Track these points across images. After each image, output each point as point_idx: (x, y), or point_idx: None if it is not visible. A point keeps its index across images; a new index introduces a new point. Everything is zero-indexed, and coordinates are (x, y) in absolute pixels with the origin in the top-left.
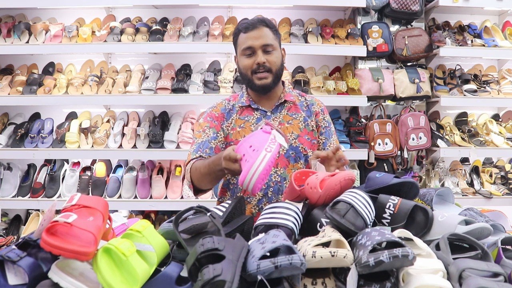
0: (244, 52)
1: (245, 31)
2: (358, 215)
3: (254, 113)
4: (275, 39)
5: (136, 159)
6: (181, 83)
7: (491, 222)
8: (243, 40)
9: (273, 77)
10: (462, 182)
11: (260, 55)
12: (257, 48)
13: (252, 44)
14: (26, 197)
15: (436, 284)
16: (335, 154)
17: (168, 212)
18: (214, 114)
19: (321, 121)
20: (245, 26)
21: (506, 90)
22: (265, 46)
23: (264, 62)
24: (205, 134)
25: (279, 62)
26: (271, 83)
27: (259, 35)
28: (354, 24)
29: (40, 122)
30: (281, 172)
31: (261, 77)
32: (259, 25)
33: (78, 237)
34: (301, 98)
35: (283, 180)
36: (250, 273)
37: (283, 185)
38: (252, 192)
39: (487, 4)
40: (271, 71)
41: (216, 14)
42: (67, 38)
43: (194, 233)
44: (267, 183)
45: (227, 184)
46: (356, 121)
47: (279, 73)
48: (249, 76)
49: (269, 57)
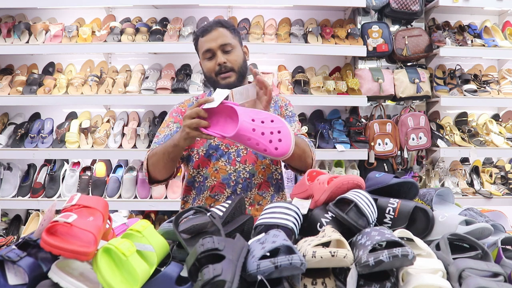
0: (204, 55)
1: (202, 35)
2: (361, 213)
3: None
4: (234, 37)
5: (136, 159)
6: (181, 83)
7: (491, 222)
8: (202, 44)
9: (236, 75)
10: (462, 182)
11: (220, 55)
12: (216, 49)
13: (210, 46)
14: (26, 197)
15: (435, 283)
16: (267, 89)
17: (168, 212)
18: (180, 109)
19: (284, 111)
20: (202, 30)
21: (506, 90)
22: (223, 46)
23: (225, 62)
24: (168, 128)
25: (240, 60)
26: (235, 81)
27: (216, 36)
28: (354, 24)
29: (40, 122)
30: (250, 169)
31: (225, 77)
32: (215, 26)
33: (78, 237)
34: None
35: (252, 177)
36: (250, 273)
37: (252, 182)
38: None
39: (487, 4)
40: (233, 70)
41: (216, 14)
42: (67, 38)
43: (194, 233)
44: (235, 180)
45: (191, 182)
46: (356, 121)
47: (242, 71)
48: (214, 78)
49: (229, 57)
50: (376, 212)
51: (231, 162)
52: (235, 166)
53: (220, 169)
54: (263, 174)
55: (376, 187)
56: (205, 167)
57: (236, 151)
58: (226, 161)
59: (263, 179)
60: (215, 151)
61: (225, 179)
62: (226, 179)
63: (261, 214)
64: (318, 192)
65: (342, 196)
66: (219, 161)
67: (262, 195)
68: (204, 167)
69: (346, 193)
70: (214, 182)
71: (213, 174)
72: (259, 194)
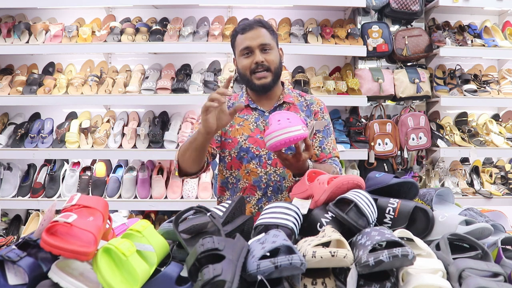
0: (242, 52)
1: (242, 32)
2: (361, 213)
3: (253, 113)
4: (273, 39)
5: (136, 159)
6: (181, 83)
7: (491, 222)
8: (241, 41)
9: (272, 76)
10: (462, 182)
11: (258, 54)
12: (255, 48)
13: (250, 44)
14: (26, 197)
15: (435, 283)
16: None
17: (168, 212)
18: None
19: (320, 119)
20: (242, 27)
21: (506, 90)
22: (263, 46)
23: (263, 61)
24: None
25: (277, 61)
26: (271, 82)
27: (256, 35)
28: (354, 24)
29: (40, 122)
30: (280, 172)
31: (260, 77)
32: (256, 26)
33: (78, 237)
34: (301, 98)
35: (282, 180)
36: (250, 273)
37: (282, 185)
38: (270, 147)
39: (487, 4)
40: (270, 70)
41: (216, 14)
42: (67, 38)
43: (194, 233)
44: (266, 182)
45: (225, 182)
46: (356, 121)
47: (278, 72)
48: (248, 76)
49: (267, 56)
50: (376, 212)
51: (262, 164)
52: (266, 168)
53: (252, 171)
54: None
55: (376, 187)
56: (237, 169)
57: (267, 154)
58: (257, 164)
59: (293, 183)
60: (246, 153)
61: (256, 181)
62: (257, 181)
63: (261, 214)
64: (318, 192)
65: (342, 196)
66: (250, 163)
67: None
68: (236, 169)
69: (346, 193)
70: (246, 184)
71: (245, 176)
72: (290, 197)
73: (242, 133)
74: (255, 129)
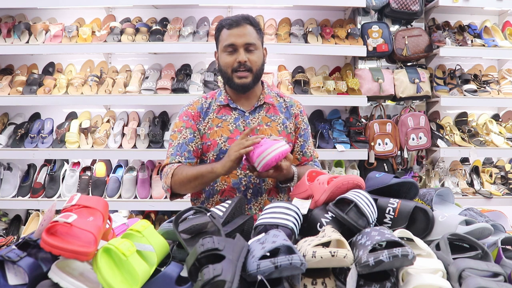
0: (225, 49)
1: (228, 27)
2: (361, 213)
3: (232, 113)
4: (258, 38)
5: (136, 159)
6: (181, 83)
7: (491, 222)
8: (226, 36)
9: (253, 77)
10: (462, 182)
11: (242, 53)
12: (239, 46)
13: (235, 42)
14: (26, 197)
15: (435, 283)
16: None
17: (168, 212)
18: (190, 113)
19: (300, 123)
20: (229, 22)
21: (506, 90)
22: (248, 45)
23: (246, 61)
24: (181, 135)
25: (260, 62)
26: (251, 83)
27: (242, 33)
28: (354, 24)
29: (40, 122)
30: None
31: (241, 76)
32: (243, 22)
33: (78, 237)
34: (280, 99)
35: (262, 182)
36: (250, 273)
37: (262, 187)
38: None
39: (487, 4)
40: (251, 70)
41: (216, 14)
42: (67, 38)
43: (194, 233)
44: (246, 185)
45: None
46: (356, 121)
47: (259, 73)
48: (229, 74)
49: (250, 56)
50: (376, 212)
51: (241, 167)
52: (245, 171)
53: (231, 173)
54: (273, 180)
55: (376, 187)
56: None
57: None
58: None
59: (272, 185)
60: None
61: (236, 183)
62: (236, 184)
63: (261, 214)
64: (318, 192)
65: (342, 196)
66: None
67: (272, 201)
68: None
69: (346, 193)
70: (225, 186)
71: (224, 178)
72: (269, 200)
73: (221, 135)
74: (234, 130)
